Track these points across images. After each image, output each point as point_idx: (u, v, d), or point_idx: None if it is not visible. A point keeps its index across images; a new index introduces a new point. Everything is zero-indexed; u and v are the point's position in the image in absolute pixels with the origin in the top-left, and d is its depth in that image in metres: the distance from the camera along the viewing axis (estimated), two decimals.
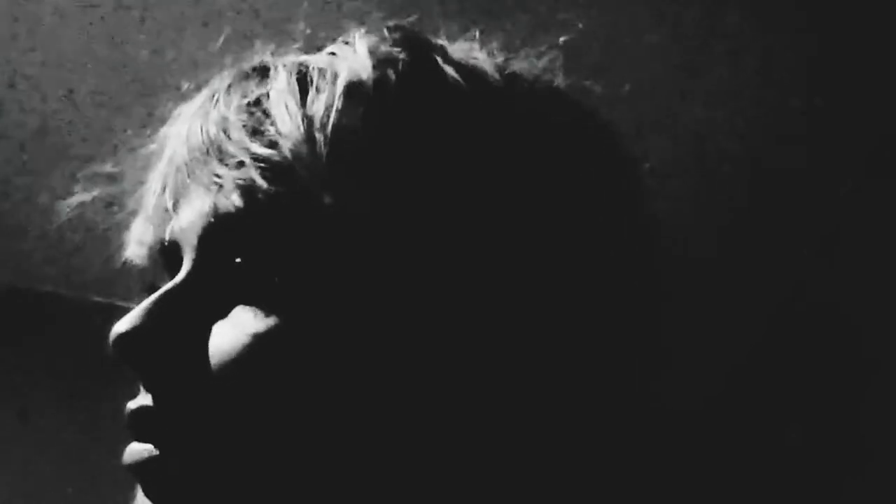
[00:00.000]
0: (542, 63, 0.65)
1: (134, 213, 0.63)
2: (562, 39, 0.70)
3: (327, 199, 0.52)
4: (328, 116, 0.54)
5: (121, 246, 0.63)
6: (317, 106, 0.55)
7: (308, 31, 0.67)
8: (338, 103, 0.54)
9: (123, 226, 0.64)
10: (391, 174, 0.53)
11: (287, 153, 0.53)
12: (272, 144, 0.54)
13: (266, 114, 0.56)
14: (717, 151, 1.55)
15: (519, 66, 0.63)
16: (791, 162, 1.55)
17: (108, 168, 0.67)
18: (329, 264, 0.53)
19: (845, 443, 1.47)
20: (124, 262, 0.62)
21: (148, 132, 0.64)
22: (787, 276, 1.55)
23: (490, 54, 0.63)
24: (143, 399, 0.55)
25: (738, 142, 1.54)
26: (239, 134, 0.55)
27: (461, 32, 0.67)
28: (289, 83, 0.56)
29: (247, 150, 0.54)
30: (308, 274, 0.53)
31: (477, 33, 0.67)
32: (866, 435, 1.49)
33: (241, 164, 0.54)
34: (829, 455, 1.47)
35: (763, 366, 1.55)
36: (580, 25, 0.71)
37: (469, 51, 0.62)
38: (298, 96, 0.55)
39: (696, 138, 1.53)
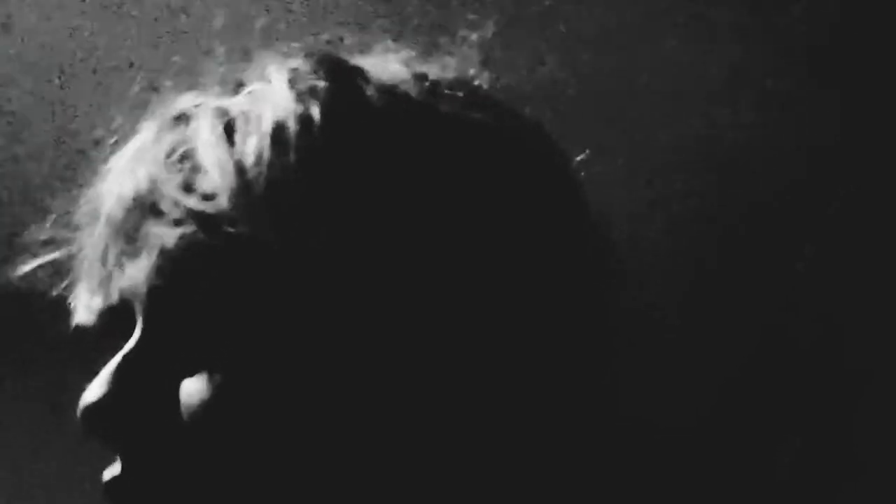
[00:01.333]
0: (456, 62, 0.65)
1: (77, 278, 0.62)
2: (474, 36, 0.71)
3: (268, 245, 0.52)
4: (259, 163, 0.54)
5: (69, 312, 0.63)
6: (246, 153, 0.54)
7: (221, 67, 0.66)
8: (266, 148, 0.54)
9: (69, 291, 0.64)
10: (327, 211, 0.53)
11: (223, 205, 0.53)
12: (206, 197, 0.54)
13: (195, 166, 0.55)
14: (713, 159, 1.55)
15: (437, 71, 0.63)
16: (787, 170, 1.55)
17: (44, 234, 0.66)
18: (281, 311, 0.53)
19: (840, 454, 1.48)
20: (75, 328, 0.62)
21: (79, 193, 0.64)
22: (781, 287, 1.56)
23: (407, 64, 0.63)
24: (116, 468, 0.55)
25: (733, 144, 1.54)
26: (172, 190, 0.55)
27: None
28: (214, 132, 0.56)
29: (182, 206, 0.54)
30: (261, 323, 0.53)
31: (389, 41, 0.67)
32: (861, 446, 1.51)
33: (178, 221, 0.54)
34: (824, 467, 1.48)
35: (757, 377, 1.56)
36: (490, 26, 0.70)
37: (387, 64, 0.62)
38: (226, 144, 0.55)
39: (695, 140, 1.53)
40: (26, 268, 0.66)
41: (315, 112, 0.55)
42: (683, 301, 1.51)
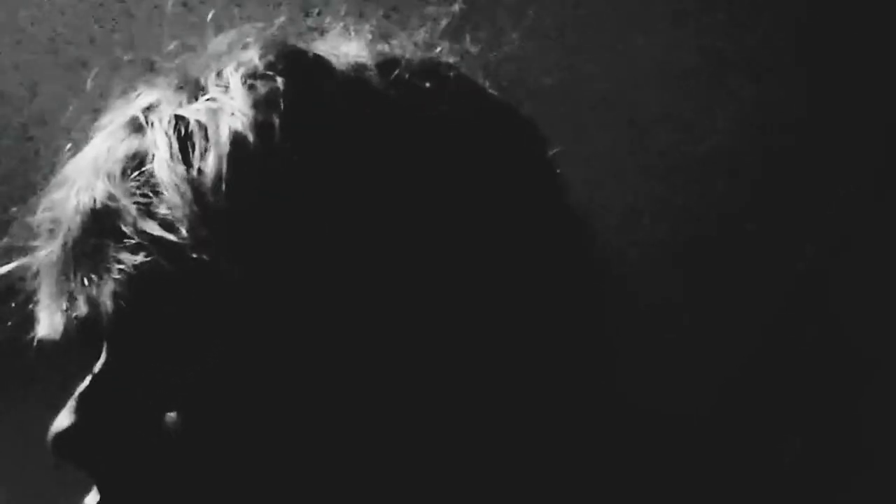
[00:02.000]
0: (419, 38, 0.63)
1: (39, 290, 0.60)
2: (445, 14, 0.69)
3: (232, 271, 0.51)
4: (218, 186, 0.52)
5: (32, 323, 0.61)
6: (205, 174, 0.52)
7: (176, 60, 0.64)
8: (225, 168, 0.52)
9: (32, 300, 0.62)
10: (293, 230, 0.52)
11: (184, 234, 0.52)
12: (166, 225, 0.52)
13: (154, 188, 0.53)
14: (713, 156, 1.54)
15: (398, 50, 0.60)
16: (788, 166, 1.55)
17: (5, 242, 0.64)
18: (242, 334, 0.52)
19: (844, 450, 1.48)
20: (40, 340, 0.61)
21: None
22: (782, 286, 1.55)
23: (368, 46, 0.61)
24: (95, 495, 0.55)
25: (734, 145, 1.53)
26: (131, 215, 0.53)
27: None
28: (170, 148, 0.54)
29: (143, 233, 0.53)
30: (222, 350, 0.52)
31: (350, 20, 0.65)
32: (865, 441, 1.51)
33: (139, 246, 0.53)
34: (828, 463, 1.48)
35: (760, 373, 1.56)
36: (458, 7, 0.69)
37: (347, 48, 0.59)
38: (182, 165, 0.53)
39: (690, 137, 1.51)
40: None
41: (275, 122, 0.53)
42: (686, 299, 1.50)
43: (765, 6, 1.40)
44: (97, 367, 0.55)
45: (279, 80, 0.55)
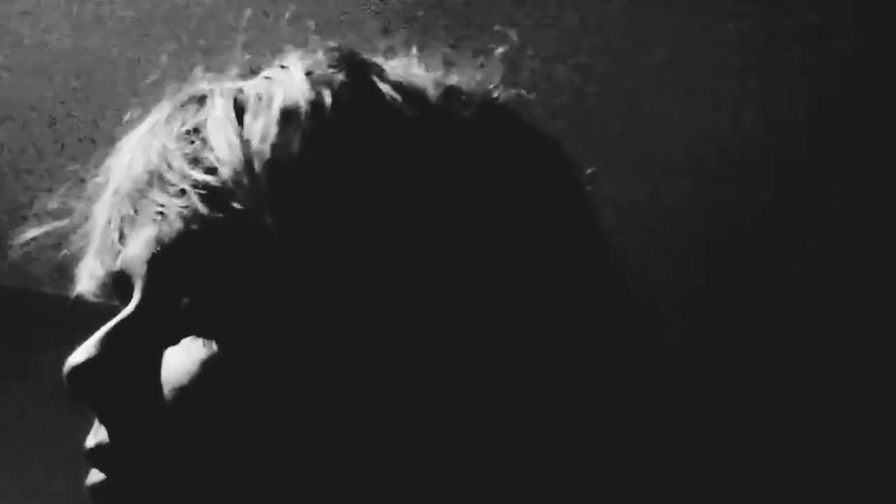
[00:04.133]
0: (480, 75, 0.65)
1: (83, 248, 0.63)
2: (499, 51, 0.71)
3: (267, 223, 0.53)
4: (265, 141, 0.54)
5: (73, 280, 0.63)
6: (253, 131, 0.55)
7: (247, 56, 0.67)
8: (274, 127, 0.55)
9: (75, 260, 0.64)
10: (329, 196, 0.54)
11: (226, 178, 0.54)
12: (211, 171, 0.54)
13: (204, 141, 0.56)
14: (714, 155, 1.55)
15: (457, 79, 0.63)
16: (789, 163, 1.56)
17: (56, 203, 0.67)
18: (271, 287, 0.53)
19: (845, 447, 1.48)
20: (77, 296, 0.63)
21: (93, 164, 0.64)
22: (786, 281, 1.56)
23: (429, 69, 0.64)
24: (99, 433, 0.55)
25: (735, 145, 1.54)
26: (179, 162, 0.56)
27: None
28: (225, 110, 0.57)
29: (187, 177, 0.55)
30: (251, 298, 0.53)
31: (415, 49, 0.68)
32: (866, 439, 1.50)
33: (182, 191, 0.55)
34: (829, 460, 1.48)
35: (762, 370, 1.56)
36: (515, 37, 0.71)
37: (407, 67, 0.63)
38: (235, 122, 0.56)
39: (693, 141, 1.53)
40: (33, 233, 0.66)
41: (327, 99, 0.56)
42: (686, 299, 1.51)
43: (766, 7, 1.41)
44: (125, 311, 0.57)
45: (338, 73, 0.58)
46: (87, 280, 0.61)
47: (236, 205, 0.53)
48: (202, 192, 0.54)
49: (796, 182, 1.55)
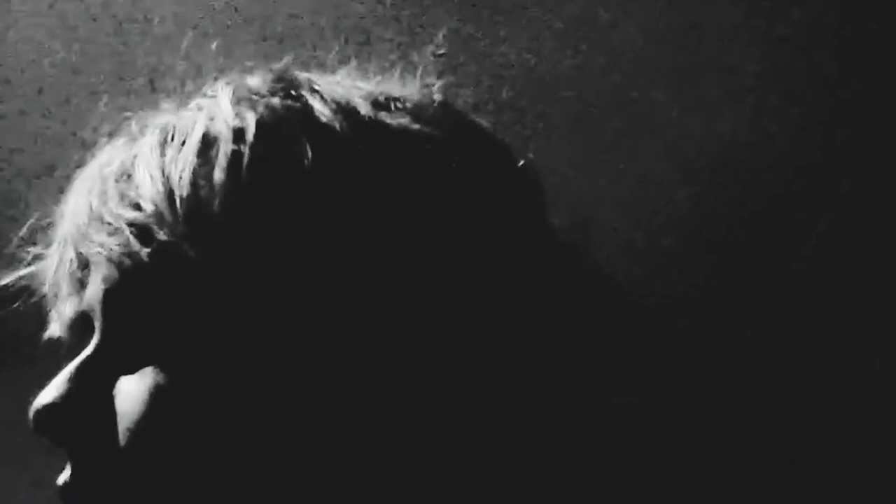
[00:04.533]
0: (417, 79, 0.66)
1: (50, 292, 0.64)
2: (440, 52, 0.72)
3: (191, 254, 0.54)
4: (183, 172, 0.56)
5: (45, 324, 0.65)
6: (173, 163, 0.57)
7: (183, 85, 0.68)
8: (191, 158, 0.56)
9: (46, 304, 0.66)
10: (248, 221, 0.55)
11: (150, 213, 0.56)
12: (137, 207, 0.56)
13: (133, 178, 0.58)
14: (712, 154, 1.56)
15: (392, 86, 0.64)
16: (786, 163, 1.56)
17: (17, 251, 0.68)
18: (203, 315, 0.55)
19: (841, 450, 1.49)
20: (48, 339, 0.64)
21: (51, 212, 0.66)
22: (782, 280, 1.56)
23: (364, 78, 0.64)
24: (68, 472, 0.57)
25: (733, 143, 1.55)
26: (113, 202, 0.58)
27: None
28: (150, 145, 0.59)
29: (119, 216, 0.57)
30: (188, 327, 0.55)
31: (352, 58, 0.69)
32: (863, 441, 1.51)
33: (117, 230, 0.57)
34: (825, 462, 1.49)
35: (757, 370, 1.57)
36: (441, 38, 0.72)
37: (342, 81, 0.63)
38: (158, 156, 0.58)
39: (690, 138, 1.54)
40: (5, 280, 0.68)
41: (249, 123, 0.57)
42: (684, 299, 1.51)
43: (767, 8, 1.42)
44: (85, 351, 0.59)
45: (267, 95, 0.59)
46: (55, 324, 0.63)
47: (162, 238, 0.55)
48: (132, 229, 0.56)
49: (794, 183, 1.56)
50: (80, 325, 0.61)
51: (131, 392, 0.56)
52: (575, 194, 0.69)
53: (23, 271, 0.66)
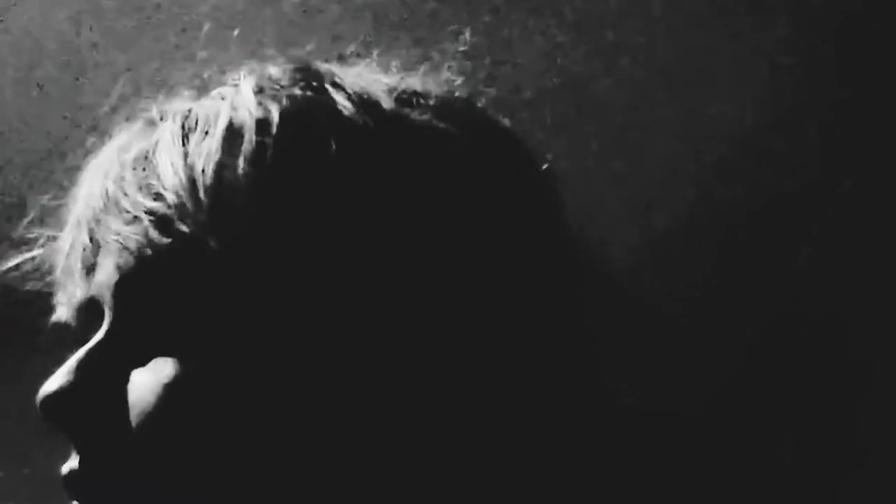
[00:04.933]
0: (439, 76, 0.65)
1: (58, 276, 0.63)
2: (460, 49, 0.71)
3: (213, 245, 0.53)
4: (208, 162, 0.55)
5: (51, 309, 0.64)
6: (197, 153, 0.56)
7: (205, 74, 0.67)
8: (217, 148, 0.55)
9: (51, 288, 0.65)
10: (272, 212, 0.54)
11: (172, 203, 0.55)
12: (158, 197, 0.55)
13: (153, 168, 0.57)
14: (711, 154, 1.55)
15: (415, 82, 0.63)
16: (786, 163, 1.56)
17: (27, 232, 0.67)
18: (223, 307, 0.54)
19: (841, 450, 1.48)
20: (55, 324, 0.63)
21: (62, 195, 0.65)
22: (783, 280, 1.56)
23: (387, 73, 0.64)
24: (74, 461, 0.56)
25: (732, 143, 1.54)
26: (132, 189, 0.57)
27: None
28: (172, 133, 0.58)
29: (139, 205, 0.56)
30: (206, 318, 0.54)
31: (375, 53, 0.68)
32: (863, 441, 1.50)
33: (135, 219, 0.56)
34: (825, 462, 1.48)
35: (758, 371, 1.56)
36: (467, 35, 0.71)
37: (367, 73, 0.63)
38: (181, 145, 0.57)
39: (689, 138, 1.53)
40: (10, 263, 0.67)
41: (274, 115, 0.56)
42: (683, 299, 1.51)
43: (765, 7, 1.41)
44: (95, 338, 0.58)
45: (290, 86, 0.58)
46: (63, 308, 0.62)
47: (183, 229, 0.54)
48: (152, 218, 0.55)
49: (794, 183, 1.55)
50: (88, 311, 0.60)
51: (142, 382, 0.55)
52: (573, 194, 0.68)
53: (33, 252, 0.65)
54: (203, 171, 0.55)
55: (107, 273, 0.57)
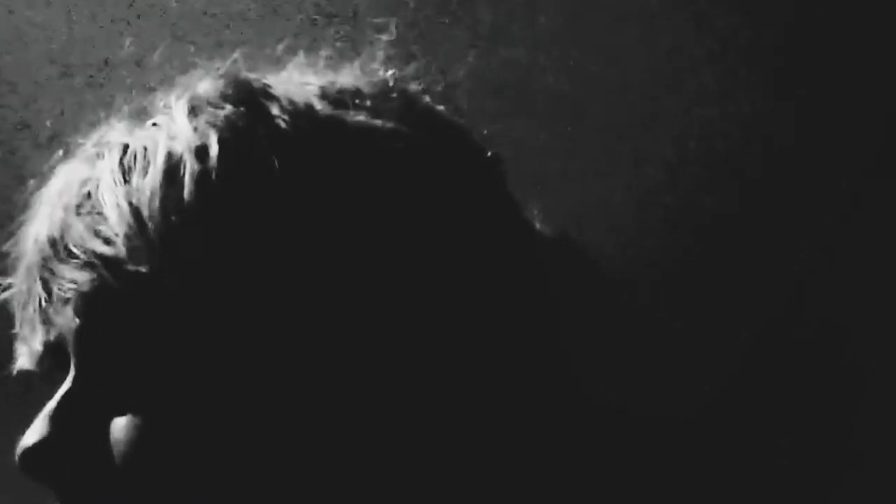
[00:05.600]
0: (371, 70, 0.65)
1: (16, 323, 0.63)
2: (384, 38, 0.71)
3: (170, 284, 0.53)
4: (153, 202, 0.54)
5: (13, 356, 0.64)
6: (140, 192, 0.55)
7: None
8: (159, 186, 0.55)
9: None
10: (224, 244, 0.54)
11: (122, 247, 0.54)
12: (108, 241, 0.55)
13: (98, 209, 0.56)
14: (710, 152, 1.55)
15: (343, 79, 0.62)
16: (788, 161, 1.56)
17: None
18: (188, 344, 0.54)
19: (837, 454, 1.50)
20: (18, 372, 0.63)
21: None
22: (779, 283, 1.56)
23: (317, 74, 0.63)
24: None
25: (732, 142, 1.54)
26: (80, 234, 0.56)
27: None
28: (113, 171, 0.57)
29: (88, 250, 0.55)
30: (172, 357, 0.54)
31: (301, 53, 0.67)
32: (859, 445, 1.52)
33: (87, 264, 0.55)
34: (820, 466, 1.49)
35: (753, 374, 1.57)
36: (394, 29, 0.71)
37: (292, 78, 0.62)
38: (123, 184, 0.56)
39: (688, 138, 1.53)
40: None
41: (212, 142, 0.56)
42: (681, 300, 1.51)
43: (762, 8, 1.42)
44: (64, 387, 0.57)
45: (222, 105, 0.58)
46: (24, 357, 0.62)
47: (137, 271, 0.54)
48: (104, 263, 0.55)
49: (793, 184, 1.55)
50: (53, 357, 0.59)
51: (118, 426, 0.55)
52: (569, 195, 0.68)
53: None
54: (149, 210, 0.54)
55: (66, 320, 0.57)
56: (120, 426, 0.55)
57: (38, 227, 0.60)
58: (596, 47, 1.44)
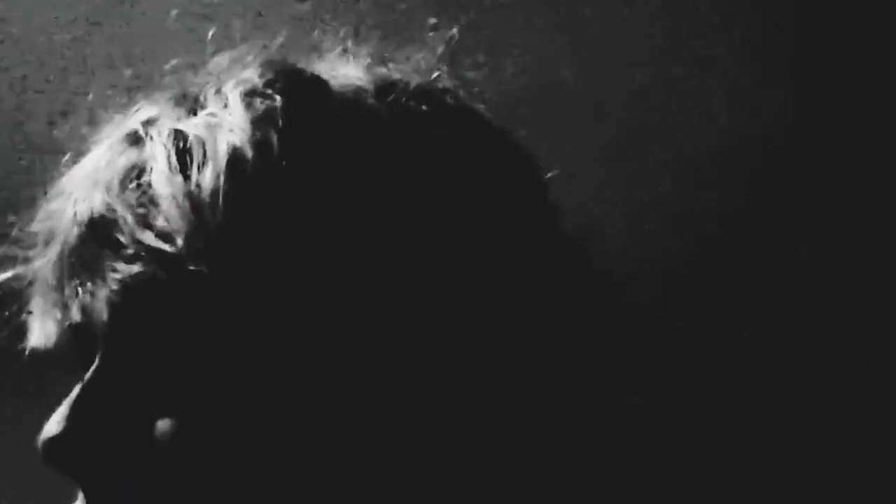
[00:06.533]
0: (421, 66, 0.63)
1: (32, 299, 0.61)
2: (437, 36, 0.69)
3: (227, 285, 0.52)
4: (215, 199, 0.53)
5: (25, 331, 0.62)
6: (202, 188, 0.53)
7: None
8: (223, 183, 0.53)
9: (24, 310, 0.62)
10: (287, 246, 0.52)
11: (180, 244, 0.52)
12: (164, 236, 0.53)
13: (152, 200, 0.54)
14: (710, 152, 1.55)
15: (396, 74, 0.61)
16: (788, 162, 1.56)
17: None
18: (229, 347, 0.52)
19: (840, 452, 1.49)
20: (30, 350, 0.61)
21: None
22: (779, 282, 1.56)
23: (367, 69, 0.61)
24: (80, 502, 0.55)
25: (731, 141, 1.54)
26: (129, 225, 0.54)
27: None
28: (169, 163, 0.55)
29: (140, 242, 0.53)
30: (216, 359, 0.53)
31: (349, 42, 0.66)
32: (859, 444, 1.51)
33: (136, 256, 0.53)
34: (823, 464, 1.49)
35: (753, 373, 1.57)
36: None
37: (346, 69, 0.60)
38: (181, 179, 0.54)
39: (688, 138, 1.53)
40: None
41: (273, 138, 0.54)
42: (681, 299, 1.51)
43: (761, 8, 1.41)
44: (89, 374, 0.55)
45: (277, 98, 0.56)
46: (39, 336, 0.59)
47: (192, 269, 0.52)
48: (157, 257, 0.53)
49: (793, 183, 1.55)
50: (75, 341, 0.57)
51: (145, 420, 0.54)
52: (569, 194, 0.67)
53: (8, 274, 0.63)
54: (210, 208, 0.52)
55: (100, 307, 0.54)
56: (146, 420, 0.54)
57: (77, 206, 0.57)
58: (599, 48, 1.43)
